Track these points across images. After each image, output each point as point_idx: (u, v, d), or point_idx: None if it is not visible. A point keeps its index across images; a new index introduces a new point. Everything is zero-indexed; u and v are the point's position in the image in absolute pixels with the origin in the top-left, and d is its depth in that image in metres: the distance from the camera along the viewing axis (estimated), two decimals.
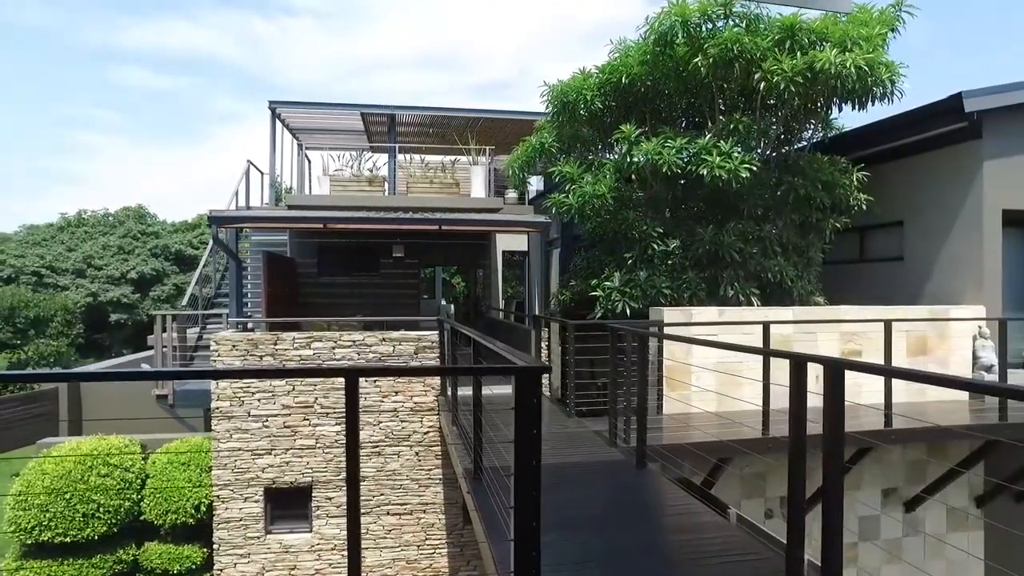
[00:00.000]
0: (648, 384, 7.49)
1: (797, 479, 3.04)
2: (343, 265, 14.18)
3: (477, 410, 5.04)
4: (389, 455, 8.95)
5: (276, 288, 11.43)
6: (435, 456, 9.16)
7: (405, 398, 9.02)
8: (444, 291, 29.65)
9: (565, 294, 10.44)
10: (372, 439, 8.90)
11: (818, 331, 7.90)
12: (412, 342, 9.12)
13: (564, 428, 6.92)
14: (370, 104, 16.51)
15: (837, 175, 8.90)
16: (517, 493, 2.70)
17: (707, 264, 8.56)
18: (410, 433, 9.06)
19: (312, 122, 17.38)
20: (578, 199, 8.93)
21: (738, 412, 7.36)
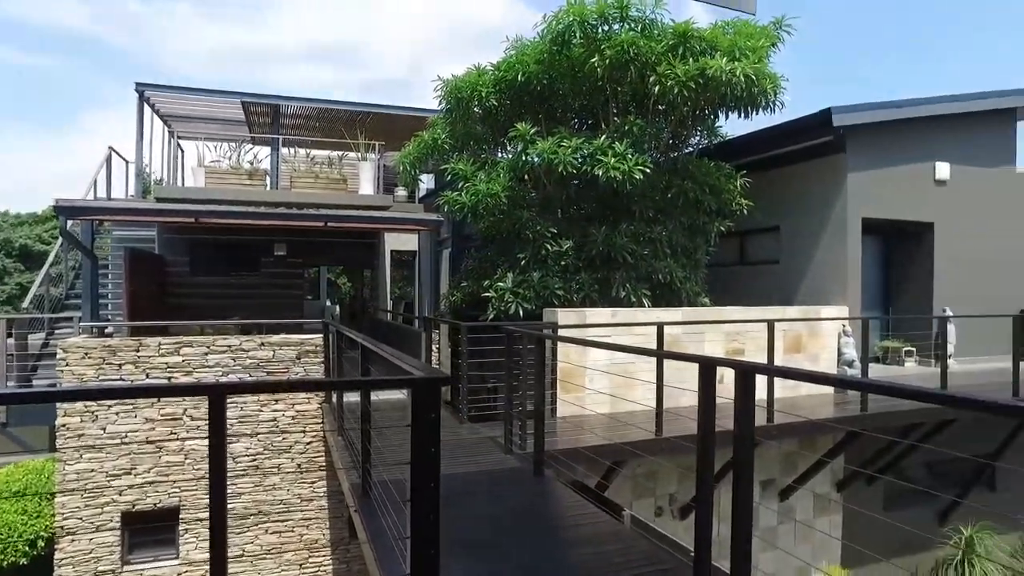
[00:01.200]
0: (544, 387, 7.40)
1: (705, 484, 2.95)
2: (219, 264, 13.14)
3: (365, 423, 4.66)
4: (268, 468, 8.30)
5: (140, 288, 10.36)
6: (319, 467, 8.61)
7: (286, 406, 8.41)
8: (329, 292, 28.52)
9: (456, 295, 10.18)
10: (249, 452, 8.22)
11: (705, 331, 8.13)
12: (294, 347, 8.52)
13: (458, 435, 6.66)
14: (252, 93, 15.49)
15: (722, 180, 9.23)
16: (414, 519, 2.42)
17: (600, 265, 8.59)
18: (291, 444, 8.45)
19: (186, 108, 16.04)
20: (472, 198, 8.70)
21: (631, 413, 7.42)
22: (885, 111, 9.41)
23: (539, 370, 5.00)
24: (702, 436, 2.96)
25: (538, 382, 5.03)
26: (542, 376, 5.02)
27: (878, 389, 2.44)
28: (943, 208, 10.27)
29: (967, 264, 10.40)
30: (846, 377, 8.13)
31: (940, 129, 10.27)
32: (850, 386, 3.33)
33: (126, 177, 14.79)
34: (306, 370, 8.41)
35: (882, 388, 2.47)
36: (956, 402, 2.14)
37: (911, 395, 2.35)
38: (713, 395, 2.92)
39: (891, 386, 2.64)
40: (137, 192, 14.49)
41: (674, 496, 8.04)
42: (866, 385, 4.01)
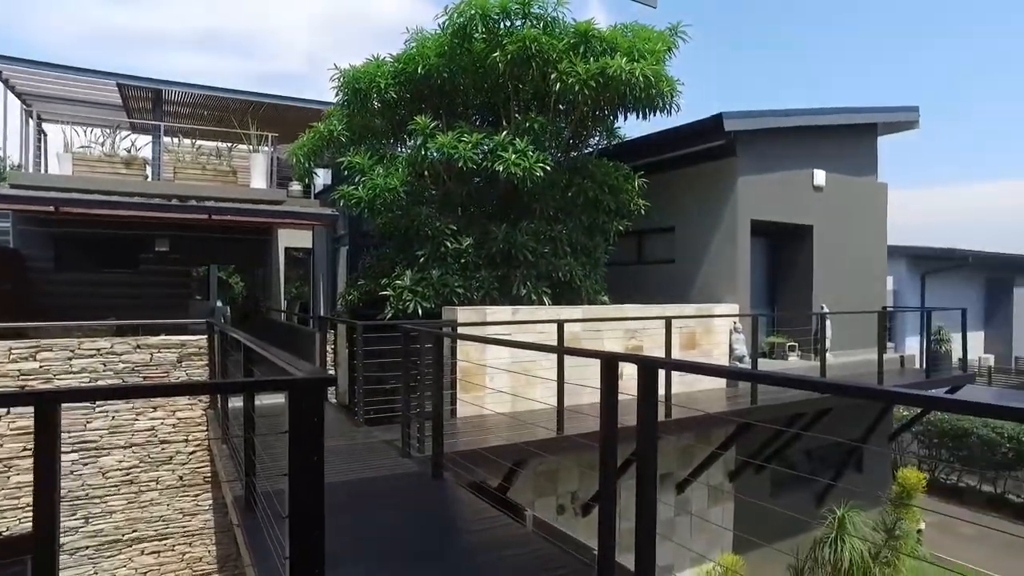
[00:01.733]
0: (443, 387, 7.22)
1: (608, 481, 2.89)
2: (90, 260, 12.03)
3: (248, 430, 4.32)
4: (145, 483, 7.62)
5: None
6: (204, 479, 8.01)
7: (166, 413, 7.76)
8: (220, 291, 26.97)
9: (353, 294, 9.81)
10: (122, 465, 7.52)
11: (604, 328, 8.22)
12: (175, 348, 7.88)
13: (353, 439, 6.36)
14: (130, 75, 14.28)
15: (621, 180, 9.39)
16: (295, 538, 2.20)
17: (500, 263, 8.51)
18: (172, 454, 7.81)
19: (52, 88, 14.58)
20: (368, 192, 8.40)
21: (532, 412, 7.39)
22: (771, 119, 9.91)
23: (437, 370, 4.83)
24: (605, 433, 2.91)
25: (436, 382, 4.85)
26: (440, 376, 4.85)
27: (769, 379, 2.48)
28: (820, 212, 10.97)
29: (840, 264, 11.17)
30: (738, 369, 8.49)
31: (817, 139, 10.96)
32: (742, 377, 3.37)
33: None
34: (188, 374, 7.80)
35: (771, 378, 2.52)
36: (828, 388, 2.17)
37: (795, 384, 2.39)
38: (616, 391, 2.87)
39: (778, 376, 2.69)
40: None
41: (576, 494, 8.09)
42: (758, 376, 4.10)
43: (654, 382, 2.66)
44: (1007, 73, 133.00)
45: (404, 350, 5.56)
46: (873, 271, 11.89)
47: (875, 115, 11.50)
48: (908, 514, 9.86)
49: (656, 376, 2.64)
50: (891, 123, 11.95)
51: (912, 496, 9.89)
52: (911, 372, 11.43)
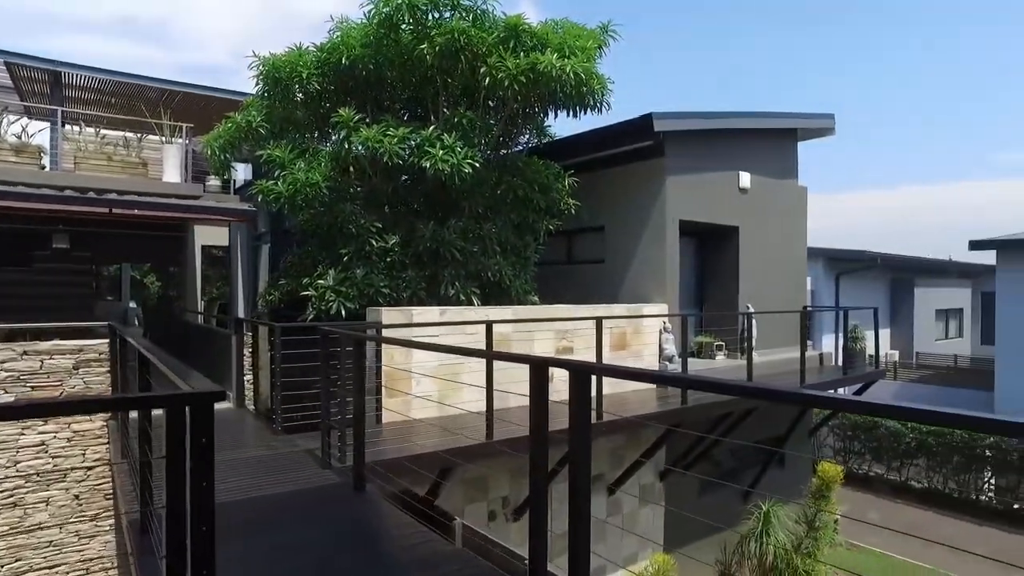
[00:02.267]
0: (365, 393, 6.87)
1: (539, 489, 2.69)
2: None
3: (143, 447, 3.89)
4: (32, 503, 6.92)
5: None
6: (104, 496, 7.37)
7: (59, 426, 7.08)
8: (135, 292, 25.40)
9: (274, 294, 9.31)
10: (4, 486, 6.79)
11: (534, 329, 8.07)
12: (70, 355, 7.20)
13: (271, 449, 5.94)
14: (22, 54, 13.11)
15: (551, 179, 9.26)
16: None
17: (428, 262, 8.23)
18: (67, 471, 7.14)
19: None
20: (289, 187, 7.95)
21: (461, 416, 7.14)
22: (698, 120, 10.02)
23: (358, 375, 4.52)
24: (535, 439, 2.72)
25: (357, 388, 4.54)
26: (362, 381, 4.54)
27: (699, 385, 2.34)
28: (745, 214, 11.20)
29: (764, 265, 11.45)
30: (670, 374, 8.51)
31: (742, 142, 11.19)
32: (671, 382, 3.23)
33: None
34: (86, 382, 7.13)
35: (701, 384, 2.39)
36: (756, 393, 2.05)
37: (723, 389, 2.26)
38: (546, 396, 2.69)
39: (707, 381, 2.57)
40: None
41: (507, 499, 7.89)
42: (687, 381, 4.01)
43: (587, 388, 2.48)
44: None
45: (323, 354, 5.21)
46: (794, 272, 12.26)
47: (795, 120, 11.86)
48: (827, 505, 10.19)
49: (589, 381, 2.46)
50: (810, 129, 12.34)
51: (831, 488, 10.24)
52: (829, 369, 11.84)
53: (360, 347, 4.46)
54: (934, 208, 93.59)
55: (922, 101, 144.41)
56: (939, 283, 24.63)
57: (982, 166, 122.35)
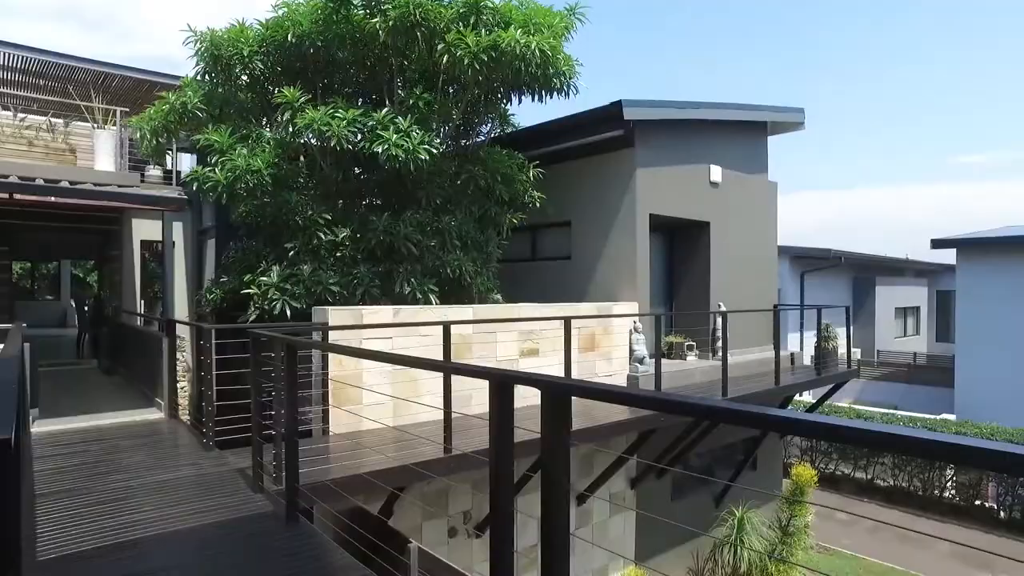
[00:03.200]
0: (308, 402, 6.20)
1: (502, 513, 2.12)
2: None
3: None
4: None
5: None
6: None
7: None
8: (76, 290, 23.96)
9: (216, 292, 8.54)
10: None
11: (498, 330, 7.49)
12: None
13: (196, 467, 5.22)
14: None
15: (515, 169, 8.70)
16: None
17: (381, 257, 7.58)
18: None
19: None
20: (227, 174, 7.20)
21: (419, 424, 6.54)
22: (670, 110, 9.56)
23: (290, 384, 3.87)
24: (496, 462, 2.15)
25: (289, 400, 3.89)
26: (294, 393, 3.89)
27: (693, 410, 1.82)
28: (716, 209, 10.80)
29: (735, 262, 11.08)
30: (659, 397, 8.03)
31: (713, 135, 10.78)
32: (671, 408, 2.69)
33: None
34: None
35: (694, 409, 1.88)
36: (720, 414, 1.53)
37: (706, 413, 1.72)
38: (509, 414, 2.12)
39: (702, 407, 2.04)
40: None
41: (468, 513, 7.30)
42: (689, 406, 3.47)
43: (566, 409, 1.91)
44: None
45: (254, 360, 4.54)
46: (765, 270, 11.93)
47: (766, 113, 11.51)
48: (799, 510, 9.87)
49: (569, 403, 1.90)
50: (780, 123, 12.03)
51: (805, 492, 9.92)
52: (802, 370, 11.54)
53: (292, 353, 3.81)
54: (887, 209, 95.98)
55: (886, 101, 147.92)
56: (898, 282, 24.89)
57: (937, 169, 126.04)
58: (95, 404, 7.71)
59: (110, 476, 4.95)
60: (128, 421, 6.84)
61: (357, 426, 6.26)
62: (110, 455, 5.58)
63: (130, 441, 6.05)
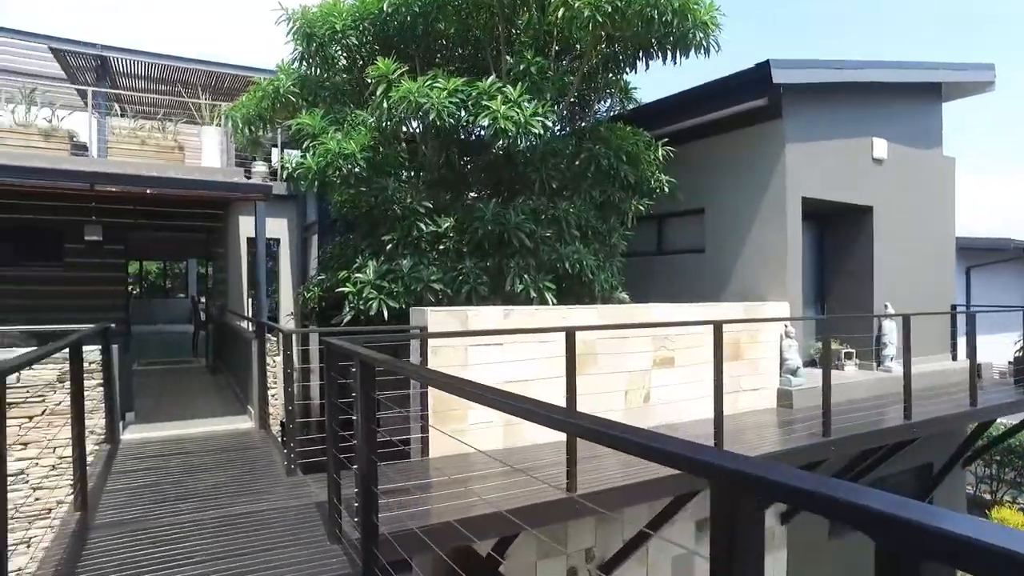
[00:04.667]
0: (404, 418, 5.31)
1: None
2: (5, 251, 10.14)
3: None
4: (12, 544, 5.71)
5: None
6: None
7: (41, 450, 5.84)
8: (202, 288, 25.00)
9: (313, 291, 7.92)
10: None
11: (626, 336, 6.29)
12: (58, 364, 5.94)
13: (274, 500, 4.41)
14: (67, 39, 12.44)
15: (641, 148, 7.47)
16: None
17: (490, 250, 6.60)
18: (53, 506, 5.90)
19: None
20: (319, 160, 6.47)
21: (533, 448, 5.51)
22: (826, 71, 7.95)
23: (366, 406, 2.91)
24: None
25: (364, 429, 2.92)
26: (370, 417, 2.92)
27: None
28: (880, 191, 9.01)
29: (903, 255, 9.22)
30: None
31: (877, 101, 9.00)
32: None
33: None
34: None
35: None
36: None
37: None
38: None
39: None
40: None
41: (591, 551, 6.18)
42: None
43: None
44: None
45: (329, 375, 3.64)
46: (939, 263, 9.93)
47: (944, 73, 9.51)
48: None
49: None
50: (959, 84, 9.96)
51: None
52: (994, 384, 9.46)
53: (368, 371, 2.85)
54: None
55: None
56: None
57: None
58: (190, 408, 7.27)
59: (179, 504, 4.25)
60: (217, 431, 6.26)
61: (461, 446, 5.30)
62: (187, 475, 4.93)
63: (212, 457, 5.41)
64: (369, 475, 2.95)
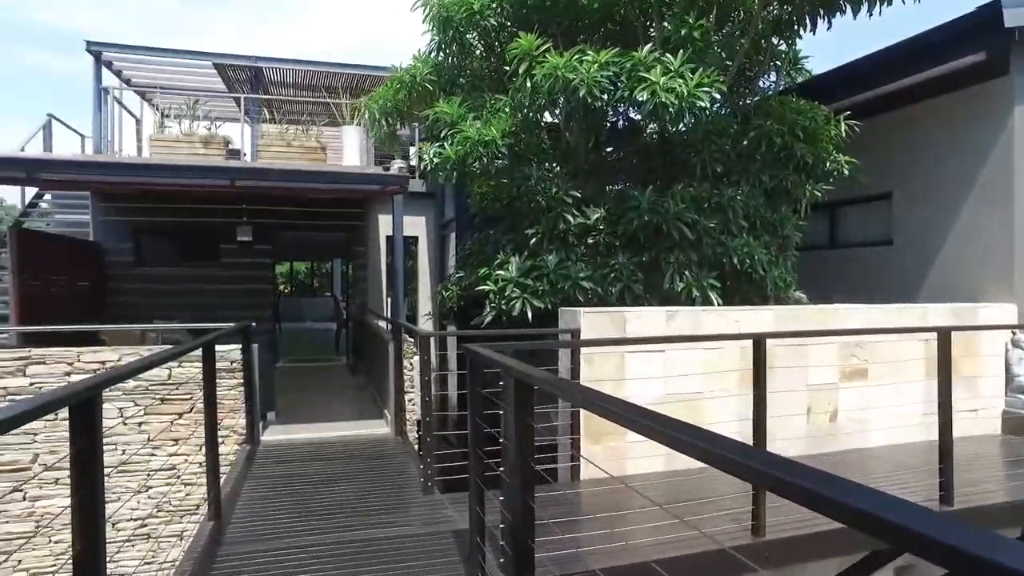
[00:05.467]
0: (551, 431, 4.70)
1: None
2: (169, 252, 10.76)
3: None
4: (166, 537, 5.76)
5: (39, 280, 7.99)
6: None
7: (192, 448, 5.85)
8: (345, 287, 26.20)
9: (452, 290, 7.56)
10: (136, 515, 5.70)
11: (806, 343, 5.30)
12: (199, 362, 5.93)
13: (407, 523, 3.93)
14: (225, 53, 13.20)
15: (820, 123, 6.39)
16: None
17: (645, 244, 5.85)
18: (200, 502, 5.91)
19: (155, 76, 13.79)
20: (457, 148, 6.03)
21: (700, 473, 4.70)
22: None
23: (519, 430, 2.30)
24: None
25: (517, 457, 2.32)
26: (527, 441, 2.31)
27: None
28: None
29: None
30: None
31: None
32: None
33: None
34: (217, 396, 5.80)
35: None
36: None
37: None
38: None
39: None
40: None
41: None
42: None
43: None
44: None
45: (473, 386, 3.10)
46: None
47: None
48: None
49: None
50: None
51: None
52: None
53: (525, 391, 2.24)
54: None
55: None
56: None
57: None
58: (329, 410, 7.15)
59: (313, 520, 3.91)
60: (354, 435, 6.01)
61: (618, 467, 4.62)
62: (323, 484, 4.64)
63: (345, 466, 5.10)
64: (521, 515, 2.34)
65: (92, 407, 1.85)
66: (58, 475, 5.49)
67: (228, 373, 5.85)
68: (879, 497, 0.87)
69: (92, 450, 1.86)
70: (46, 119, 11.76)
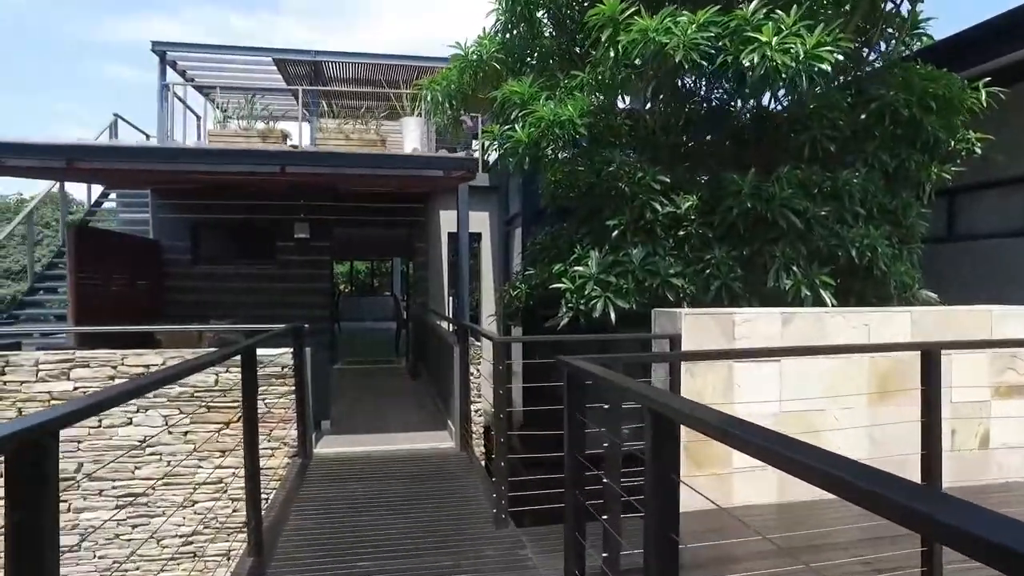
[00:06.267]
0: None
1: None
2: (227, 250, 10.52)
3: None
4: (212, 556, 5.33)
5: (96, 279, 7.78)
6: None
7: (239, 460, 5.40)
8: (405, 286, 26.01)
9: (520, 288, 6.90)
10: (182, 531, 5.28)
11: (949, 353, 4.40)
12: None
13: (479, 569, 3.32)
14: (285, 48, 13.08)
15: (956, 91, 5.43)
16: None
17: (745, 235, 5.06)
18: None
19: (216, 76, 13.77)
20: (530, 131, 5.38)
21: (822, 506, 3.93)
22: None
23: (658, 474, 1.62)
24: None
25: (655, 491, 1.64)
26: (663, 480, 1.63)
27: None
28: None
29: None
30: None
31: None
32: None
33: None
34: (267, 404, 5.34)
35: None
36: None
37: None
38: None
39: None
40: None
41: None
42: None
43: None
44: None
45: (569, 402, 2.44)
46: None
47: None
48: None
49: None
50: None
51: None
52: None
53: (666, 427, 1.56)
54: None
55: None
56: None
57: None
58: (387, 419, 6.62)
59: (366, 560, 3.33)
60: (413, 450, 5.45)
61: (723, 499, 3.88)
62: (380, 509, 4.07)
63: (409, 487, 4.53)
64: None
65: (41, 456, 1.26)
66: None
67: (278, 380, 5.37)
68: None
69: (38, 519, 1.25)
70: (112, 118, 11.80)
